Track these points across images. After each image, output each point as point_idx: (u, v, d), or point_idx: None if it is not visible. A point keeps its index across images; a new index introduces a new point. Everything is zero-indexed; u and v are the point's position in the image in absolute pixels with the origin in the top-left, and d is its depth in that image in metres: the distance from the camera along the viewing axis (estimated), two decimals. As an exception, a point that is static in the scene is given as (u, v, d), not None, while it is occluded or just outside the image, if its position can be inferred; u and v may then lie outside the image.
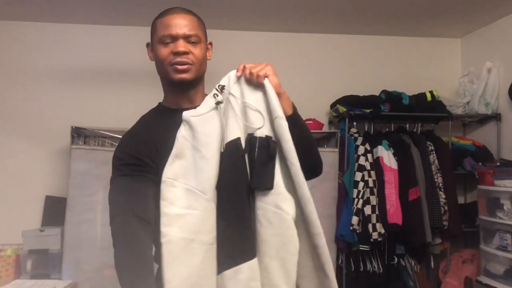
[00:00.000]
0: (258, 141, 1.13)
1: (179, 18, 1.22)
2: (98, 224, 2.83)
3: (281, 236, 1.10)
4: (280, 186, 1.13)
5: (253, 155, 1.12)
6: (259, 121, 1.14)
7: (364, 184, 2.91)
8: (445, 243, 3.11)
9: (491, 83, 3.19)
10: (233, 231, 1.11)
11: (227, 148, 1.13)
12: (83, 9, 3.10)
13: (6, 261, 3.04)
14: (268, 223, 1.11)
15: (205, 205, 1.10)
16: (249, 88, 1.17)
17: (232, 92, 1.17)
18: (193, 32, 1.21)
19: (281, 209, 1.11)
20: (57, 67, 3.37)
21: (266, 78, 1.15)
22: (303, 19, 3.29)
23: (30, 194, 3.22)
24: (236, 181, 1.12)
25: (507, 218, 2.60)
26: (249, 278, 1.09)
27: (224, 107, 1.17)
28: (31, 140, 3.29)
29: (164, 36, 1.21)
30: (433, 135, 3.24)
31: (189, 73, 1.20)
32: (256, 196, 1.13)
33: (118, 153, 1.21)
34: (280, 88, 1.17)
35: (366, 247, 2.89)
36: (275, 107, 1.13)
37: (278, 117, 1.12)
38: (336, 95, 3.30)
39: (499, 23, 3.25)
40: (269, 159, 1.12)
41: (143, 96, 3.26)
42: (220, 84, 1.19)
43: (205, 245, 1.08)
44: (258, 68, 1.16)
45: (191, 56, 1.19)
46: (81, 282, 2.71)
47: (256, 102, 1.16)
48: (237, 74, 1.18)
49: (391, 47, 3.63)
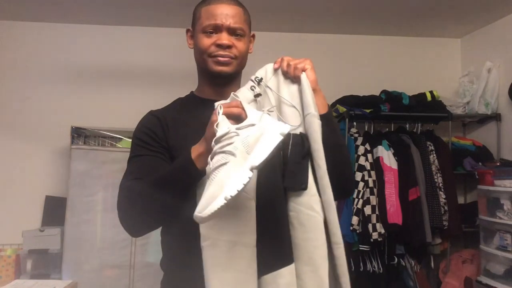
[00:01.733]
0: (292, 138, 1.06)
1: (225, 8, 1.15)
2: (98, 224, 2.84)
3: (314, 240, 1.04)
4: (313, 187, 1.06)
5: (286, 153, 1.06)
6: (295, 118, 1.08)
7: (364, 184, 2.91)
8: (445, 243, 3.11)
9: (491, 83, 3.19)
10: (272, 234, 1.04)
11: None
12: (83, 9, 3.11)
13: (6, 261, 3.04)
14: (300, 226, 1.04)
15: (246, 204, 1.02)
16: (285, 82, 1.12)
17: (270, 84, 1.12)
18: (239, 25, 1.16)
19: (315, 211, 1.04)
20: (57, 67, 3.37)
21: (303, 72, 1.10)
22: (303, 19, 3.29)
23: (30, 194, 3.22)
24: (273, 179, 1.05)
25: (507, 218, 2.60)
26: (289, 284, 1.02)
27: (261, 100, 1.12)
28: (31, 140, 3.29)
29: (208, 26, 1.15)
30: (433, 135, 3.24)
31: (230, 67, 1.16)
32: (288, 197, 1.07)
33: (138, 130, 1.18)
34: (317, 85, 1.11)
35: (366, 247, 2.88)
36: (309, 103, 1.07)
37: (310, 114, 1.06)
38: (336, 95, 3.30)
39: (499, 23, 3.25)
40: (303, 158, 1.05)
41: (144, 96, 3.28)
42: (257, 76, 1.13)
43: (249, 247, 1.02)
44: (296, 61, 1.11)
45: (234, 50, 1.15)
46: (81, 282, 2.70)
47: (291, 96, 1.11)
48: (274, 66, 1.13)
49: (391, 47, 3.63)
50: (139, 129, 1.18)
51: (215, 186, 0.89)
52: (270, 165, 1.03)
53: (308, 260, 1.03)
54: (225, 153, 0.92)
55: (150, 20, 3.29)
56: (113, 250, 2.79)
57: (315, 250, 1.03)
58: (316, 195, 1.05)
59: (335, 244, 1.05)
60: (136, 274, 2.80)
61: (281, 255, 1.03)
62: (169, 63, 3.36)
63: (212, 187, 0.90)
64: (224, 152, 0.92)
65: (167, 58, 3.36)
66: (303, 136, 1.06)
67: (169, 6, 3.01)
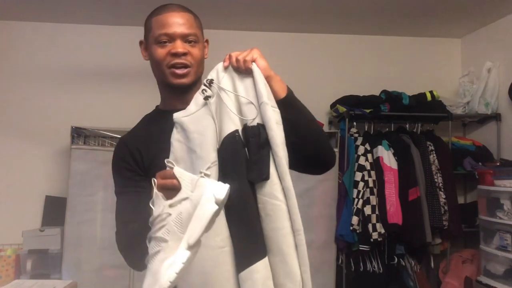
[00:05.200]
0: (250, 130, 1.06)
1: (176, 16, 1.16)
2: (98, 224, 2.83)
3: (281, 229, 1.04)
4: (275, 176, 1.06)
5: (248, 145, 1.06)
6: (252, 112, 1.08)
7: (364, 184, 2.91)
8: (445, 243, 3.11)
9: (491, 83, 3.19)
10: (243, 230, 1.05)
11: (224, 143, 1.07)
12: (83, 9, 3.11)
13: (6, 261, 3.04)
14: (266, 217, 1.05)
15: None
16: (239, 77, 1.11)
17: (223, 83, 1.11)
18: (192, 31, 1.16)
19: (279, 200, 1.04)
20: (57, 67, 3.37)
21: (253, 62, 1.09)
22: (303, 19, 3.29)
23: (30, 194, 3.22)
24: (238, 175, 1.05)
25: (507, 218, 2.60)
26: (265, 277, 1.03)
27: (216, 101, 1.10)
28: (31, 140, 3.29)
29: (160, 35, 1.15)
30: (433, 135, 3.24)
31: (188, 77, 1.16)
32: (255, 189, 1.07)
33: (114, 164, 1.22)
34: (270, 71, 1.10)
35: (366, 247, 2.89)
36: (261, 91, 1.07)
37: (263, 103, 1.06)
38: (336, 95, 3.30)
39: (499, 23, 3.25)
40: (261, 148, 1.05)
41: (143, 96, 3.25)
42: (208, 78, 1.12)
43: (214, 249, 1.03)
44: (244, 53, 1.10)
45: (190, 57, 1.15)
46: (81, 282, 2.70)
47: (246, 90, 1.10)
48: (224, 64, 1.12)
49: (391, 47, 3.63)
50: (114, 163, 1.22)
51: (150, 278, 0.92)
52: (233, 162, 1.06)
53: (277, 251, 1.04)
54: (157, 240, 0.94)
55: (150, 20, 3.29)
56: (113, 250, 2.72)
57: (283, 239, 1.04)
58: (278, 183, 1.05)
59: (296, 231, 1.04)
60: (136, 274, 2.79)
61: (254, 249, 1.04)
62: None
63: (147, 279, 0.93)
64: (156, 239, 0.94)
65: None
66: (260, 127, 1.06)
67: (169, 6, 3.01)
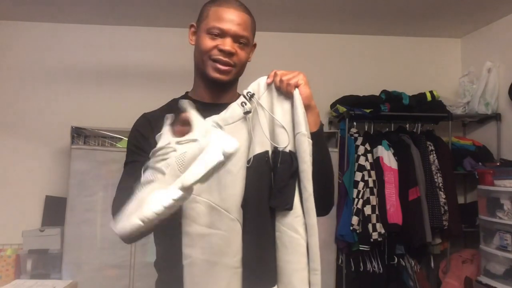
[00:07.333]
0: (281, 155, 1.04)
1: (235, 14, 1.14)
2: (98, 224, 2.83)
3: (295, 263, 1.02)
4: (299, 208, 1.03)
5: (275, 171, 1.04)
6: (284, 136, 1.05)
7: (364, 184, 2.91)
8: (445, 243, 3.11)
9: (491, 83, 3.19)
10: (257, 255, 1.03)
11: (254, 162, 1.04)
12: (83, 9, 3.11)
13: (6, 261, 3.04)
14: (283, 247, 1.03)
15: (229, 225, 1.02)
16: (278, 97, 1.08)
17: (262, 100, 1.08)
18: (245, 34, 1.15)
19: (299, 234, 1.02)
20: (57, 67, 3.37)
21: (297, 88, 1.06)
22: (303, 19, 3.29)
23: (30, 194, 3.22)
24: (261, 198, 1.03)
25: (507, 218, 2.60)
26: None
27: (252, 116, 1.08)
28: (31, 140, 3.29)
29: (214, 28, 1.12)
30: (433, 135, 3.24)
31: (228, 75, 1.14)
32: (275, 215, 1.05)
33: (130, 135, 1.18)
34: (311, 100, 1.08)
35: (366, 247, 2.89)
36: (300, 121, 1.04)
37: (300, 133, 1.03)
38: (336, 95, 3.30)
39: (499, 23, 3.25)
40: (290, 177, 1.03)
41: (143, 96, 3.28)
42: (249, 91, 1.09)
43: (230, 269, 1.01)
44: (289, 76, 1.07)
45: (235, 58, 1.13)
46: (81, 282, 2.71)
47: (283, 114, 1.07)
48: (267, 81, 1.09)
49: (391, 47, 3.63)
50: (131, 133, 1.19)
51: (135, 204, 0.87)
52: (259, 184, 1.04)
53: (288, 284, 1.02)
54: (154, 169, 0.90)
55: (150, 20, 3.29)
56: (113, 250, 2.79)
57: (295, 274, 1.01)
58: (301, 216, 1.03)
59: (313, 270, 1.03)
60: (136, 274, 2.80)
61: (265, 276, 1.03)
62: (168, 63, 3.36)
63: (132, 204, 0.88)
64: (154, 168, 0.90)
65: (167, 58, 3.36)
66: (292, 155, 1.04)
67: (169, 6, 3.01)
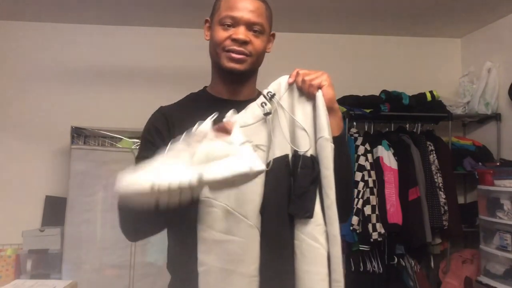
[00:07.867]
0: (302, 160, 0.98)
1: (247, 2, 1.09)
2: (98, 224, 2.83)
3: (315, 274, 0.96)
4: (320, 217, 0.98)
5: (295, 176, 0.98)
6: (305, 139, 0.99)
7: (364, 184, 2.90)
8: (445, 243, 3.11)
9: (491, 83, 3.19)
10: (275, 264, 0.98)
11: (274, 166, 0.99)
12: (83, 9, 3.11)
13: (6, 261, 3.04)
14: (302, 257, 0.97)
15: (247, 232, 0.97)
16: (300, 98, 1.03)
17: (283, 101, 1.03)
18: (259, 21, 1.09)
19: (319, 243, 0.96)
20: (57, 67, 3.37)
21: (319, 89, 1.01)
22: (303, 19, 3.29)
23: (30, 194, 3.22)
24: (280, 205, 0.98)
25: (507, 218, 2.60)
26: None
27: (272, 117, 1.02)
28: (31, 140, 3.29)
29: (226, 17, 1.08)
30: (433, 135, 3.24)
31: (243, 65, 1.09)
32: (294, 223, 0.99)
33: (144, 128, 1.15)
34: (334, 103, 1.03)
35: (366, 247, 2.88)
36: (323, 125, 0.98)
37: (323, 137, 0.97)
38: (336, 95, 3.30)
39: (499, 23, 3.25)
40: (311, 183, 0.97)
41: (143, 96, 3.28)
42: (270, 91, 1.03)
43: (246, 277, 0.97)
44: (312, 76, 1.02)
45: (250, 47, 1.08)
46: (81, 282, 2.70)
47: (304, 116, 1.01)
48: (289, 81, 1.04)
49: (391, 47, 3.63)
50: (146, 127, 1.15)
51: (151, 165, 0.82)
52: (279, 189, 0.99)
53: None
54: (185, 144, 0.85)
55: (150, 20, 3.29)
56: (113, 250, 2.79)
57: (315, 285, 0.96)
58: (322, 225, 0.98)
59: (335, 281, 0.97)
60: (136, 274, 2.79)
61: (282, 286, 0.99)
62: (169, 63, 3.35)
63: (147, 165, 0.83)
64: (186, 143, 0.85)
65: (167, 58, 3.35)
66: (313, 160, 0.98)
67: (169, 6, 3.01)
